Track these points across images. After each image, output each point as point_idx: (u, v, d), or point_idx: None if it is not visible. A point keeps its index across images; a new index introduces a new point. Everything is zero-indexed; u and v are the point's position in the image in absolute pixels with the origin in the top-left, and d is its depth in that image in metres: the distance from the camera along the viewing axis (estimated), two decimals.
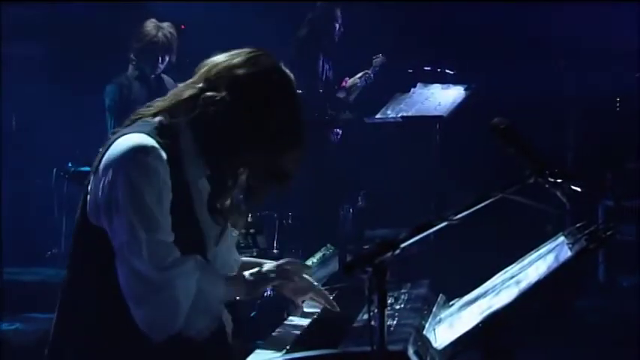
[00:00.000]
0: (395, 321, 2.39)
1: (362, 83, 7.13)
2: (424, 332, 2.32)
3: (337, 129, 7.00)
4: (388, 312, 1.92)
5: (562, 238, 2.30)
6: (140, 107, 2.37)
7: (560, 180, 2.15)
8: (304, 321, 2.61)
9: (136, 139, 2.17)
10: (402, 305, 2.58)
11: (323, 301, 2.52)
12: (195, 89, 2.24)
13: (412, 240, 1.98)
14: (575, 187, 2.16)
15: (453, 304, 2.54)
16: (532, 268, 2.27)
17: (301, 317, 2.62)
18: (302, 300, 2.48)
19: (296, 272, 2.43)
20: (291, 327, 2.55)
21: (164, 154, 2.16)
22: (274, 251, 5.71)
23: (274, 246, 5.88)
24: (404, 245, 1.93)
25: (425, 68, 6.91)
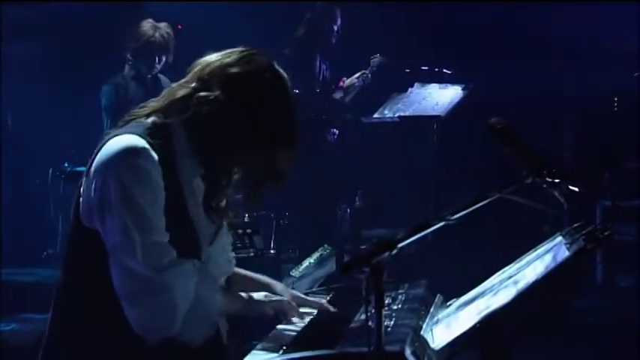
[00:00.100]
0: (392, 321, 2.38)
1: (359, 83, 7.12)
2: (421, 333, 2.31)
3: (334, 129, 6.99)
4: (385, 312, 1.92)
5: (560, 238, 2.30)
6: (136, 107, 2.37)
7: (557, 180, 2.15)
8: (301, 321, 2.60)
9: (127, 141, 2.16)
10: (400, 305, 2.58)
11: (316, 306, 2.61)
12: (188, 89, 2.24)
13: (410, 240, 1.98)
14: (572, 187, 2.16)
15: (451, 305, 2.54)
16: (530, 268, 2.27)
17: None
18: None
19: (293, 310, 2.52)
20: (287, 327, 2.54)
21: (155, 155, 2.15)
22: (271, 251, 5.71)
23: (271, 246, 5.88)
24: (401, 245, 1.93)
25: (422, 68, 6.91)
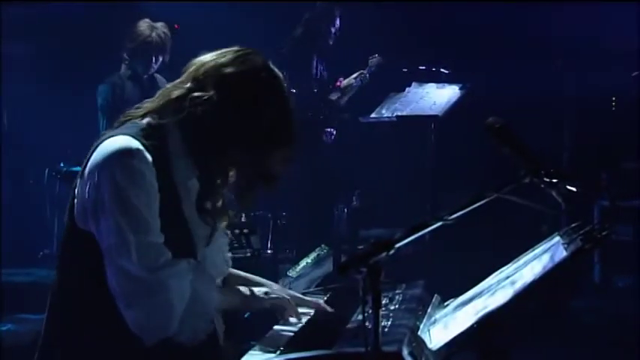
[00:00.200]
0: (389, 322, 2.38)
1: (357, 83, 7.12)
2: (419, 333, 2.31)
3: (331, 129, 6.98)
4: (383, 312, 1.91)
5: (557, 238, 2.29)
6: (132, 107, 2.36)
7: (555, 180, 2.15)
8: (298, 322, 2.60)
9: (121, 142, 2.15)
10: (397, 306, 2.57)
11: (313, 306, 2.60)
12: (183, 89, 2.23)
13: (407, 240, 1.97)
14: (570, 187, 2.15)
15: (448, 305, 2.53)
16: (527, 269, 2.27)
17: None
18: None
19: (291, 309, 2.51)
20: (284, 328, 2.53)
21: (149, 157, 2.14)
22: (268, 251, 5.70)
23: (268, 246, 5.88)
24: (399, 245, 1.93)
25: (420, 67, 6.90)
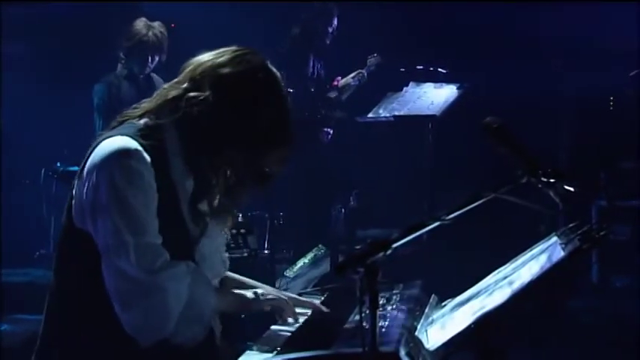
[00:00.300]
0: (387, 322, 2.37)
1: (355, 83, 7.11)
2: (416, 333, 2.31)
3: (328, 128, 6.97)
4: (380, 313, 1.90)
5: (555, 239, 2.29)
6: (129, 107, 2.36)
7: (553, 180, 2.14)
8: (295, 322, 2.59)
9: (119, 142, 2.15)
10: (394, 306, 2.57)
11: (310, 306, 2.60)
12: (179, 90, 2.23)
13: (404, 240, 1.97)
14: (568, 187, 2.15)
15: (446, 305, 2.53)
16: (525, 269, 2.26)
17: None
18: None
19: (289, 310, 2.50)
20: (282, 328, 2.53)
21: (148, 157, 2.14)
22: (265, 251, 5.69)
23: (265, 246, 5.86)
24: (396, 245, 1.93)
25: (417, 67, 6.89)
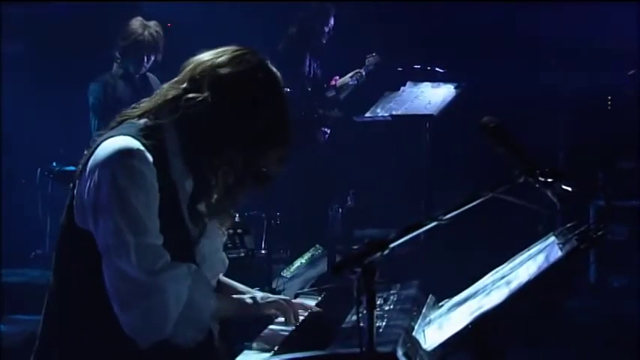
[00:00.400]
0: (384, 322, 2.37)
1: (353, 82, 7.10)
2: (413, 333, 2.30)
3: (326, 128, 6.96)
4: (377, 313, 1.90)
5: (553, 238, 2.29)
6: (124, 106, 2.37)
7: (550, 179, 2.14)
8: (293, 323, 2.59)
9: (122, 142, 2.15)
10: (392, 306, 2.56)
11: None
12: (179, 90, 2.23)
13: (402, 240, 1.97)
14: (566, 187, 2.15)
15: (443, 305, 2.53)
16: (523, 269, 2.26)
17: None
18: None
19: (290, 310, 2.48)
20: (279, 328, 2.52)
21: (150, 157, 2.14)
22: (262, 251, 5.69)
23: (262, 246, 5.86)
24: (393, 245, 1.92)
25: (415, 66, 6.89)
